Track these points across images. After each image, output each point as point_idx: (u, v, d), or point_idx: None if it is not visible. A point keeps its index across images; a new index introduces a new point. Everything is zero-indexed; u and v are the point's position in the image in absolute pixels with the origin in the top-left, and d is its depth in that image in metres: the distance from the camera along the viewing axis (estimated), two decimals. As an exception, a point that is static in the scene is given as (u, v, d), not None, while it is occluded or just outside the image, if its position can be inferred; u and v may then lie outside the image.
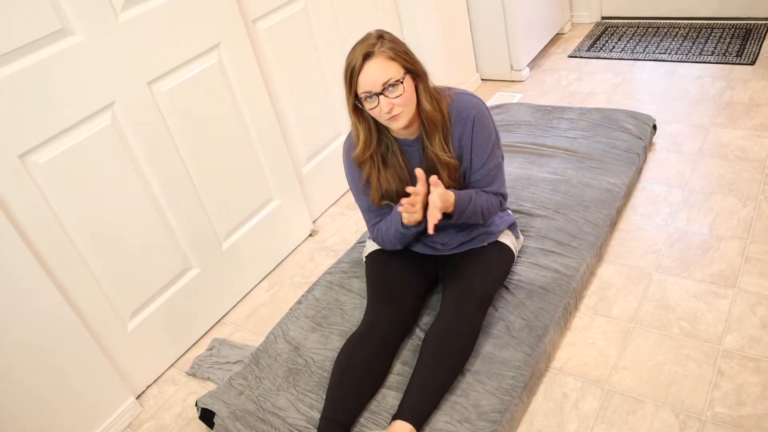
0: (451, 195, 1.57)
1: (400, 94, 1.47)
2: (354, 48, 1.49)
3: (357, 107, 1.54)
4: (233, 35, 1.98)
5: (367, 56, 1.45)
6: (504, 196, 1.73)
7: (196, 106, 1.91)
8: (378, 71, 1.45)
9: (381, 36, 1.49)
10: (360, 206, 1.77)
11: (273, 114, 2.18)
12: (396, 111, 1.48)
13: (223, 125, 2.01)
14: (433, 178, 1.51)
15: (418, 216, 1.55)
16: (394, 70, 1.47)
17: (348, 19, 2.47)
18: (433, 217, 1.50)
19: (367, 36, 1.50)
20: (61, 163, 1.59)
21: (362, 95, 1.48)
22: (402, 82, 1.47)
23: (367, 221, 1.79)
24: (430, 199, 1.52)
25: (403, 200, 1.52)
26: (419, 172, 1.52)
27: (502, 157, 1.70)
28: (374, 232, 1.76)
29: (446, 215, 1.61)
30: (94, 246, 1.71)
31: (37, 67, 1.50)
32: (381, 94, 1.46)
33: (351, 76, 1.48)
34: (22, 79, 1.48)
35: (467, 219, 1.64)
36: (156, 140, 1.81)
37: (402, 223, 1.63)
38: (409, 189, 1.51)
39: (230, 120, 2.03)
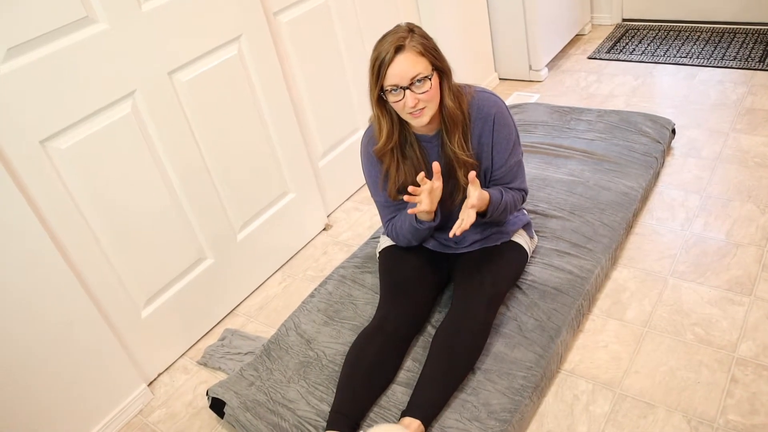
0: (487, 194, 1.57)
1: (427, 90, 1.47)
2: (383, 39, 1.48)
3: (381, 99, 1.53)
4: (254, 27, 1.98)
5: (398, 49, 1.45)
6: (526, 192, 1.74)
7: (216, 97, 1.92)
8: (407, 65, 1.45)
9: (411, 30, 1.49)
10: (376, 201, 1.77)
11: (291, 107, 2.19)
12: (420, 106, 1.48)
13: (242, 117, 2.02)
14: (472, 175, 1.51)
15: (424, 207, 1.55)
16: (423, 66, 1.46)
17: (368, 14, 2.47)
18: (469, 218, 1.51)
19: (397, 28, 1.49)
20: (81, 149, 1.60)
21: (388, 88, 1.47)
22: (430, 79, 1.47)
23: (383, 217, 1.79)
24: (467, 202, 1.53)
25: (410, 188, 1.52)
26: (436, 165, 1.52)
27: (522, 154, 1.70)
28: (389, 228, 1.76)
29: (480, 214, 1.62)
30: (110, 233, 1.72)
31: (61, 54, 1.52)
32: (408, 88, 1.46)
33: (379, 68, 1.46)
34: (45, 66, 1.49)
35: (497, 217, 1.65)
36: (175, 130, 1.82)
37: (416, 218, 1.63)
38: (419, 177, 1.51)
39: (249, 112, 2.04)
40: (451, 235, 1.54)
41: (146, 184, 1.78)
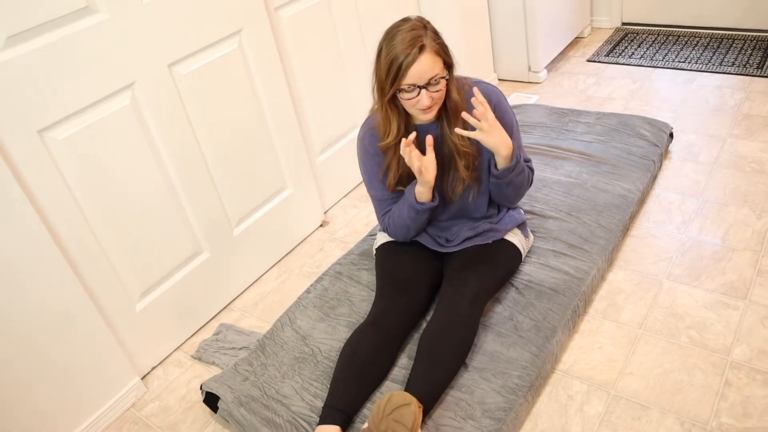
0: (506, 142, 1.57)
1: (441, 90, 1.49)
2: (397, 34, 1.47)
3: (392, 96, 1.53)
4: (255, 22, 1.98)
5: (420, 49, 1.45)
6: (533, 171, 1.74)
7: (215, 90, 1.91)
8: (428, 66, 1.46)
9: (425, 26, 1.49)
10: (372, 196, 1.77)
11: (290, 102, 2.18)
12: (432, 104, 1.50)
13: (241, 112, 2.01)
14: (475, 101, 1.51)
15: (415, 168, 1.55)
16: (440, 67, 1.48)
17: (369, 11, 2.46)
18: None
19: (412, 24, 1.49)
20: (79, 140, 1.60)
21: (405, 87, 1.47)
22: (446, 79, 1.50)
23: (379, 211, 1.79)
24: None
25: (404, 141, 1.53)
26: (429, 138, 1.54)
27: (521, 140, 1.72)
28: (385, 220, 1.76)
29: (500, 173, 1.62)
30: (107, 225, 1.71)
31: (61, 44, 1.51)
32: (424, 87, 1.47)
33: (399, 67, 1.45)
34: (45, 55, 1.48)
35: (517, 176, 1.63)
36: (173, 122, 1.82)
37: (416, 200, 1.63)
38: (409, 138, 1.52)
39: (248, 107, 2.03)
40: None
41: (144, 177, 1.77)
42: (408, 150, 1.53)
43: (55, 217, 1.59)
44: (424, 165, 1.56)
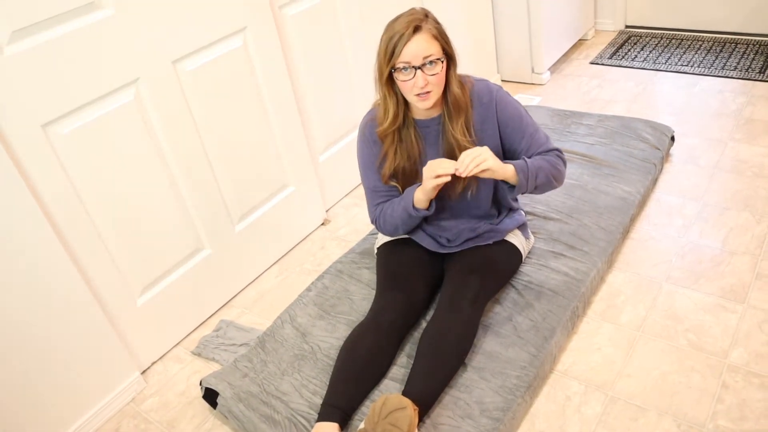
0: (505, 168, 1.56)
1: (437, 73, 1.51)
2: (398, 19, 1.52)
3: (389, 80, 1.55)
4: (259, 19, 1.98)
5: (416, 29, 1.48)
6: (558, 149, 1.70)
7: (219, 88, 1.92)
8: (423, 46, 1.48)
9: (426, 14, 1.53)
10: (366, 187, 1.76)
11: (294, 100, 2.19)
12: (428, 89, 1.51)
13: (244, 109, 2.02)
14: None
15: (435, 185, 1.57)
16: (436, 49, 1.50)
17: (373, 10, 2.47)
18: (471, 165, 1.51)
19: (413, 11, 1.53)
20: (82, 135, 1.60)
21: (400, 65, 1.49)
22: (442, 62, 1.51)
23: (371, 202, 1.77)
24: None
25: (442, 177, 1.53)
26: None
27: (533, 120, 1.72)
28: (376, 212, 1.75)
29: (511, 186, 1.63)
30: (109, 219, 1.72)
31: (66, 39, 1.52)
32: (419, 68, 1.48)
33: (395, 45, 1.49)
34: (50, 50, 1.49)
35: (539, 182, 1.62)
36: (177, 119, 1.83)
37: (413, 205, 1.64)
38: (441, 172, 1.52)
39: (251, 104, 2.04)
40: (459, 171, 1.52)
41: (146, 173, 1.78)
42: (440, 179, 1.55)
43: (57, 211, 1.59)
44: (435, 191, 1.59)
